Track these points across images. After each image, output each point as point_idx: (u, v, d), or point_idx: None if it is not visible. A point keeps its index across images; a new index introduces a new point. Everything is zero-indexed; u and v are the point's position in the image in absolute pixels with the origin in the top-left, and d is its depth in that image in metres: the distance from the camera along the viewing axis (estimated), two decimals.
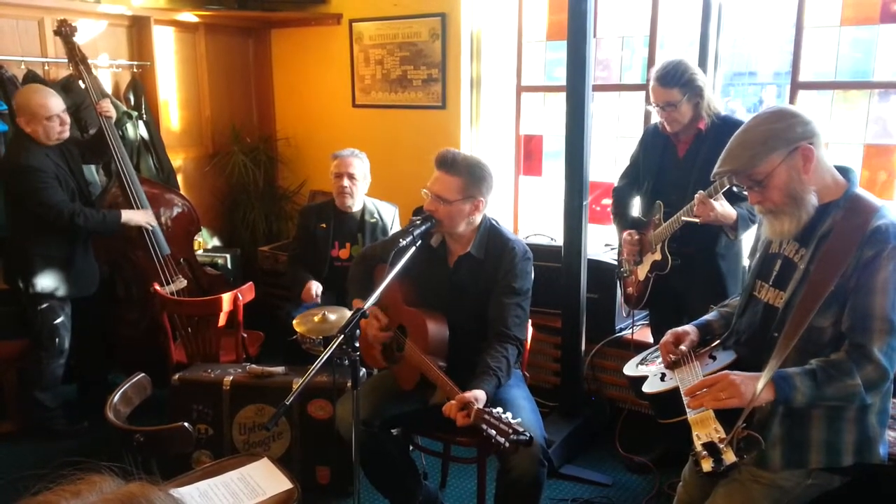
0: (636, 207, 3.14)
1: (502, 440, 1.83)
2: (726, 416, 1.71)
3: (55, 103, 3.23)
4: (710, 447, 1.65)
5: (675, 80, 2.70)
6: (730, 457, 1.62)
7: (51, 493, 0.69)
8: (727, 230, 2.68)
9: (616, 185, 3.17)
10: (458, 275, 2.47)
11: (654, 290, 2.93)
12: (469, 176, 2.36)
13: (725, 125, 2.65)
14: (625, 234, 3.05)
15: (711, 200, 2.54)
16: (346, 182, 3.51)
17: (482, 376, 2.19)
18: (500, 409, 1.93)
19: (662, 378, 2.00)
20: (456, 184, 2.35)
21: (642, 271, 2.99)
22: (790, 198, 1.74)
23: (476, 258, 2.44)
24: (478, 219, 2.45)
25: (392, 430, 2.51)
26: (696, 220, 2.62)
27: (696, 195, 2.58)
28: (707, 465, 1.64)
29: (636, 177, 3.08)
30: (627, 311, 3.35)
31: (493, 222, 2.51)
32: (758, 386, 1.67)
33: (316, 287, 3.43)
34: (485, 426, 1.89)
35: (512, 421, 1.86)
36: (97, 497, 0.69)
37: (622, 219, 3.11)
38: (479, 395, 2.06)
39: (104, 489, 0.71)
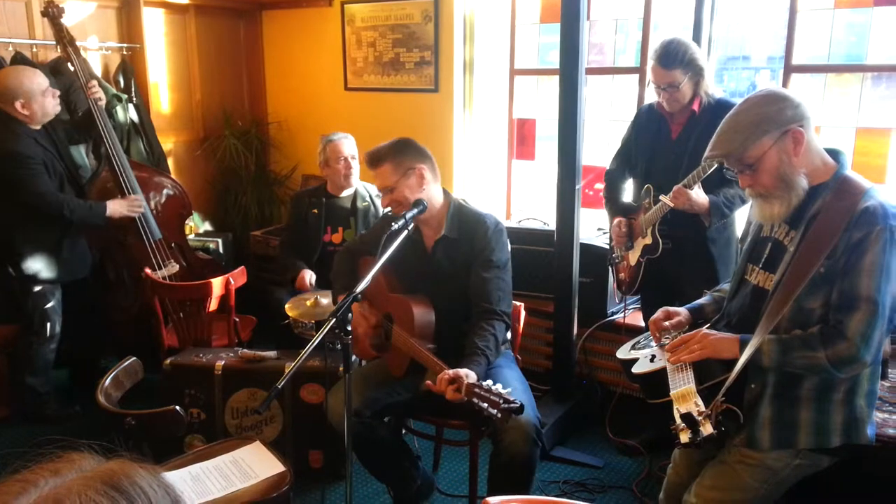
0: (628, 191, 3.14)
1: (494, 411, 1.85)
2: (711, 396, 1.73)
3: (43, 77, 3.23)
4: (689, 419, 1.67)
5: (677, 60, 2.69)
6: (707, 429, 1.64)
7: (29, 471, 0.69)
8: (703, 217, 2.72)
9: (608, 168, 3.16)
10: (436, 258, 2.48)
11: (646, 274, 2.94)
12: (393, 155, 2.40)
13: (720, 108, 2.65)
14: (614, 223, 3.05)
15: (687, 190, 2.62)
16: (353, 163, 3.52)
17: (471, 357, 2.20)
18: (489, 382, 1.94)
19: (652, 360, 2.01)
20: (387, 169, 2.39)
21: (633, 256, 2.99)
22: (781, 181, 1.74)
23: (451, 239, 2.45)
24: (436, 191, 2.45)
25: (384, 418, 2.51)
26: (672, 205, 2.68)
27: (675, 187, 2.65)
28: (685, 437, 1.66)
29: (628, 159, 3.07)
30: (620, 296, 3.36)
31: (461, 201, 2.52)
32: (741, 356, 1.73)
33: (310, 276, 3.42)
34: (476, 400, 1.90)
35: (502, 391, 1.88)
36: (76, 475, 0.69)
37: (613, 204, 3.11)
38: (469, 373, 2.07)
39: (84, 467, 0.70)
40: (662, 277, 2.92)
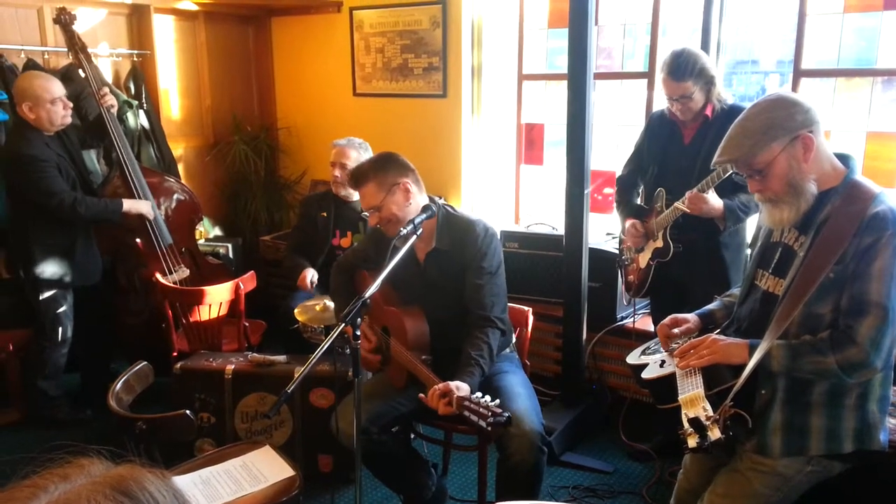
0: (640, 196, 3.13)
1: (484, 424, 1.87)
2: (720, 401, 1.73)
3: (57, 87, 3.22)
4: (697, 424, 1.66)
5: (688, 72, 2.68)
6: (715, 433, 1.64)
7: (39, 477, 0.69)
8: (717, 221, 2.72)
9: (620, 173, 3.16)
10: (429, 270, 2.47)
11: (656, 278, 2.93)
12: (376, 172, 2.38)
13: (732, 113, 2.63)
14: (628, 224, 3.04)
15: (703, 195, 2.62)
16: (337, 172, 3.52)
17: (465, 368, 2.21)
18: (479, 394, 1.95)
19: (662, 365, 2.01)
20: (371, 188, 2.37)
21: (644, 259, 2.98)
22: (790, 186, 1.74)
23: (443, 251, 2.43)
24: (421, 202, 2.42)
25: (392, 429, 2.51)
26: (687, 210, 2.68)
27: (688, 192, 2.65)
28: (692, 442, 1.65)
29: (640, 164, 3.07)
30: (628, 298, 3.35)
31: (448, 209, 2.50)
32: (750, 361, 1.71)
33: (311, 274, 3.44)
34: (467, 413, 1.92)
35: (490, 404, 1.89)
36: (86, 480, 0.69)
37: (625, 207, 3.11)
38: (461, 386, 2.07)
39: (93, 472, 0.71)
40: (672, 281, 2.91)
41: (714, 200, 2.64)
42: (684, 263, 2.85)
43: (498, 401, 1.92)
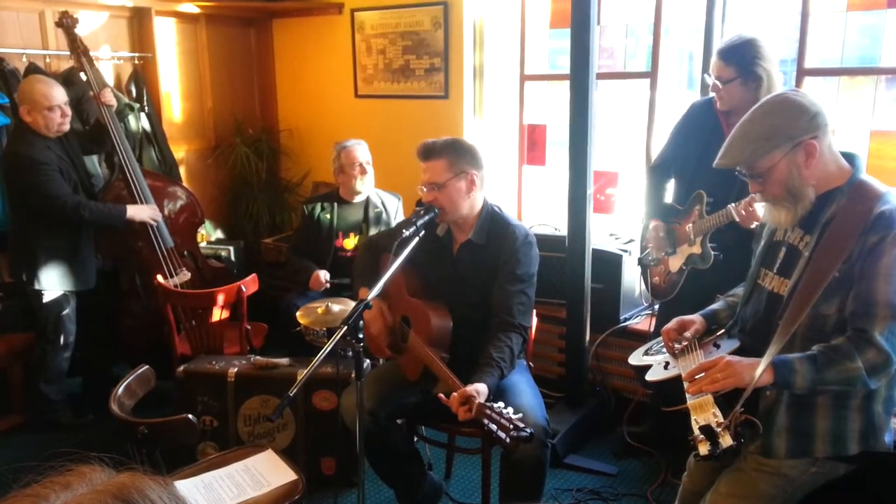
0: (669, 190, 2.96)
1: (503, 436, 1.83)
2: (727, 404, 1.71)
3: (58, 94, 3.22)
4: (708, 431, 1.64)
5: (735, 58, 2.52)
6: (727, 440, 1.62)
7: (40, 485, 0.69)
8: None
9: (653, 163, 2.99)
10: (460, 262, 2.46)
11: (686, 283, 2.77)
12: (451, 153, 2.36)
13: None
14: (652, 226, 2.90)
15: (757, 209, 2.40)
16: (368, 168, 3.55)
17: (485, 368, 2.18)
18: (501, 404, 1.91)
19: (666, 367, 2.00)
20: (441, 165, 2.35)
21: (675, 263, 2.83)
22: (788, 192, 1.73)
23: (477, 244, 2.42)
24: (479, 198, 2.42)
25: (397, 420, 2.51)
26: (737, 220, 2.51)
27: (745, 202, 2.45)
28: (704, 449, 1.63)
29: (675, 154, 2.88)
30: (650, 300, 3.22)
31: (496, 208, 2.49)
32: (757, 371, 1.67)
33: (324, 275, 3.44)
34: (486, 421, 1.88)
35: (513, 417, 1.85)
36: (87, 489, 0.69)
37: (652, 202, 2.93)
38: (480, 389, 2.05)
39: (94, 480, 0.70)
40: (702, 287, 2.67)
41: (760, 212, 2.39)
42: (717, 268, 2.66)
43: (521, 414, 1.88)
